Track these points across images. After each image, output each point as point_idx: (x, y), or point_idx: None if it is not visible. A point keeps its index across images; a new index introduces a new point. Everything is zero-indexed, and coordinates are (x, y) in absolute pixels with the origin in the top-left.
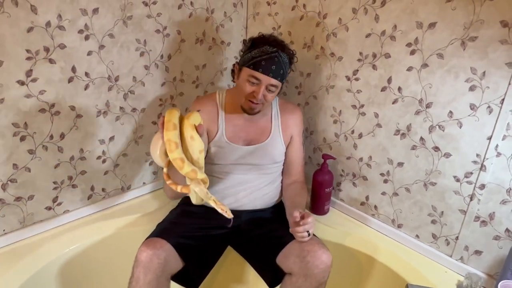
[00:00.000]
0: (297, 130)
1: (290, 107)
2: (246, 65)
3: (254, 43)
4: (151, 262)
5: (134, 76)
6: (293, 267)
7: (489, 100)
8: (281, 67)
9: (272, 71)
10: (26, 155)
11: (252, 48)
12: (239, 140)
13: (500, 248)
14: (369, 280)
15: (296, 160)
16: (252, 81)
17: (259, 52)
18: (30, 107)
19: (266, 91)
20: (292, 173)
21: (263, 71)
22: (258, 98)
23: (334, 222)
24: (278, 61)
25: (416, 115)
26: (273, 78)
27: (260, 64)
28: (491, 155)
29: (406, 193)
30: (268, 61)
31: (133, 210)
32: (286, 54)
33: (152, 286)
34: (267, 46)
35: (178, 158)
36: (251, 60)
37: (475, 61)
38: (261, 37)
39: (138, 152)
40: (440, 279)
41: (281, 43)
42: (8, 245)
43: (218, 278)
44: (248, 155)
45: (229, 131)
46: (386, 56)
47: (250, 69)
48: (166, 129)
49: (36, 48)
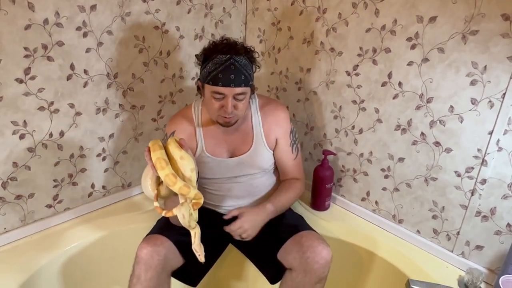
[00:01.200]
0: (282, 132)
1: (271, 108)
2: (206, 81)
3: (206, 56)
4: (151, 259)
5: (133, 73)
6: (293, 263)
7: (490, 95)
8: (241, 73)
9: (233, 80)
10: (25, 153)
11: (206, 62)
12: (222, 152)
13: (501, 243)
14: (370, 275)
15: (287, 162)
16: (217, 97)
17: (213, 64)
18: (29, 105)
19: (235, 101)
20: (285, 172)
21: (223, 84)
22: (228, 112)
23: (335, 218)
24: (235, 68)
25: (416, 110)
26: (237, 87)
27: (218, 78)
28: (492, 149)
29: (407, 189)
30: (224, 72)
31: (133, 207)
32: (242, 56)
33: (153, 282)
34: (220, 55)
35: (170, 174)
36: (208, 76)
37: (476, 55)
38: (211, 47)
39: (138, 149)
40: (441, 274)
41: (234, 46)
42: (9, 243)
43: (219, 275)
44: (234, 167)
45: (209, 145)
46: (387, 51)
47: (210, 85)
48: (153, 150)
49: (34, 45)
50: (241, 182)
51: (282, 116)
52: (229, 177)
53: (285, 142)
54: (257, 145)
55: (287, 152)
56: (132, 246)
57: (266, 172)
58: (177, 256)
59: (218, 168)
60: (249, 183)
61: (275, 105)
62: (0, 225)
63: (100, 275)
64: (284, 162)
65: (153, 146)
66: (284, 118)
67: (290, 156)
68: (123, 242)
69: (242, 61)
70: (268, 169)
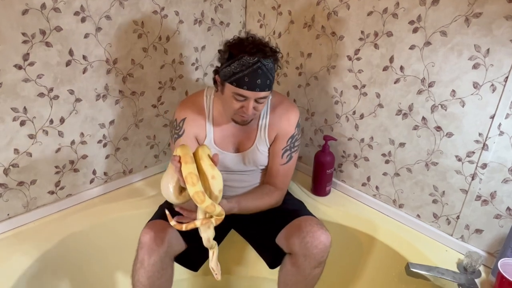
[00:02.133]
0: (282, 133)
1: (283, 108)
2: (228, 81)
3: (231, 54)
4: (154, 244)
5: (133, 59)
6: (293, 248)
7: (493, 78)
8: (267, 77)
9: (258, 85)
10: (26, 139)
11: (230, 60)
12: (229, 145)
13: (501, 226)
14: (370, 259)
15: (272, 164)
16: (238, 98)
17: (239, 65)
18: (29, 92)
19: (255, 103)
20: (268, 174)
21: (248, 88)
22: (249, 114)
23: (335, 203)
24: (262, 72)
25: (418, 95)
26: (261, 92)
27: (243, 81)
28: (493, 134)
29: (407, 173)
30: (251, 76)
31: (135, 193)
32: (269, 59)
33: (157, 267)
34: (247, 57)
35: (200, 192)
36: (233, 76)
37: (479, 38)
38: (237, 44)
39: (139, 135)
40: (440, 258)
41: (262, 48)
42: (13, 229)
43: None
44: (237, 163)
45: (218, 137)
46: (388, 35)
47: (234, 86)
48: (185, 162)
49: (32, 31)
50: (235, 175)
51: (290, 117)
52: (230, 170)
53: (280, 143)
54: (258, 142)
55: (277, 153)
56: (134, 231)
57: (261, 170)
58: (180, 241)
59: (222, 161)
60: (242, 179)
61: (287, 106)
62: (4, 211)
63: (103, 260)
64: (270, 163)
65: (185, 158)
66: (291, 120)
67: (278, 160)
68: (125, 227)
69: (268, 65)
70: (264, 166)
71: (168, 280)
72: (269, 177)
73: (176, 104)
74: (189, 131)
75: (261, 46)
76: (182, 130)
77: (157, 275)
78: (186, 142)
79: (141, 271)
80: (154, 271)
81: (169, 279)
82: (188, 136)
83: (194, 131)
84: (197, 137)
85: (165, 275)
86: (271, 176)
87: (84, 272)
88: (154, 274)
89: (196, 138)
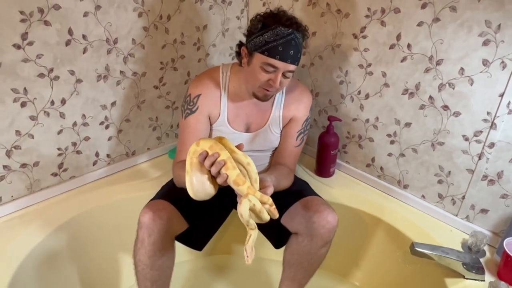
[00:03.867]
0: (298, 116)
1: (298, 92)
2: (259, 50)
3: (265, 24)
4: (153, 223)
5: (133, 39)
6: (299, 227)
7: (503, 55)
8: (299, 50)
9: (291, 56)
10: (28, 121)
11: (263, 30)
12: (241, 124)
13: (507, 206)
14: (375, 239)
15: (287, 146)
16: (267, 69)
17: (273, 35)
18: (28, 72)
19: (282, 77)
20: (280, 156)
21: (280, 58)
22: (276, 86)
23: (339, 184)
24: (295, 44)
25: (425, 73)
26: (291, 64)
27: (277, 50)
28: (502, 112)
29: (413, 154)
30: (285, 46)
31: (138, 175)
32: (301, 34)
33: (157, 246)
34: (281, 27)
35: (241, 174)
36: (265, 45)
37: (490, 13)
38: (272, 15)
39: (141, 117)
40: (445, 238)
41: (295, 21)
42: (17, 211)
43: (223, 240)
44: (248, 143)
45: (231, 115)
46: (396, 11)
47: (265, 56)
48: (220, 149)
49: (30, 9)
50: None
51: (305, 101)
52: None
53: (295, 126)
54: (272, 123)
55: (292, 136)
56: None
57: (271, 151)
58: (181, 221)
59: (232, 140)
60: (259, 160)
61: (302, 90)
62: (7, 193)
63: (107, 242)
64: (284, 145)
65: (217, 146)
66: (306, 104)
67: (293, 142)
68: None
69: (300, 39)
70: (274, 148)
71: (169, 259)
72: (282, 159)
73: (178, 85)
74: (203, 108)
75: (294, 20)
76: (196, 107)
77: (158, 254)
78: (199, 119)
79: (142, 251)
80: (155, 250)
81: (171, 258)
82: (202, 113)
83: (208, 108)
84: (210, 115)
85: (166, 253)
86: (284, 157)
87: (89, 254)
88: (155, 253)
89: (209, 116)
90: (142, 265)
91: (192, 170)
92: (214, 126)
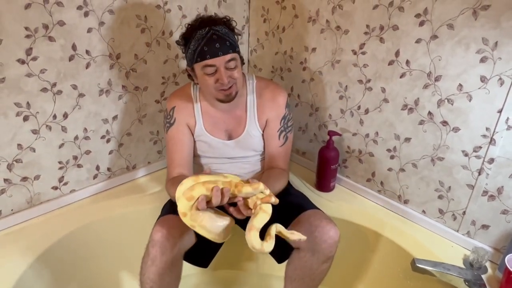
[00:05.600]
0: (273, 115)
1: (269, 91)
2: (194, 61)
3: (186, 38)
4: (167, 241)
5: (136, 54)
6: (301, 243)
7: (501, 72)
8: (225, 40)
9: (219, 48)
10: (30, 135)
11: (187, 43)
12: (220, 133)
13: (507, 222)
14: (376, 255)
15: (271, 147)
16: (209, 72)
17: (195, 41)
18: (32, 86)
19: (228, 72)
20: (269, 159)
21: (211, 56)
22: (225, 82)
23: (340, 199)
24: (217, 37)
25: (424, 89)
26: (225, 55)
27: (204, 51)
28: (501, 128)
29: (413, 169)
30: (208, 43)
31: (139, 189)
32: (221, 26)
33: (168, 265)
34: (199, 31)
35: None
36: (194, 54)
37: (487, 31)
38: (189, 28)
39: (142, 131)
40: (446, 254)
41: (210, 19)
42: (17, 225)
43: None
44: (233, 149)
45: (207, 123)
46: (394, 28)
47: (199, 62)
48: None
49: (35, 25)
50: (237, 163)
51: (278, 99)
52: (228, 157)
53: (274, 126)
54: (249, 127)
55: (273, 136)
56: (138, 227)
57: (260, 155)
58: (190, 236)
59: (217, 148)
60: (242, 166)
61: (273, 88)
62: (7, 207)
63: (107, 256)
64: (268, 146)
65: (200, 182)
66: (279, 102)
67: (276, 142)
68: (129, 223)
69: (222, 30)
70: (261, 151)
71: (177, 276)
72: (272, 161)
73: None
74: (179, 118)
75: (209, 19)
76: (173, 119)
77: (167, 272)
78: (179, 129)
79: (152, 269)
80: (165, 268)
81: (178, 276)
82: (180, 123)
83: (184, 118)
84: (188, 124)
85: (174, 271)
86: (273, 159)
87: (88, 268)
88: (165, 271)
89: (187, 126)
90: (150, 282)
91: (197, 221)
92: (195, 137)
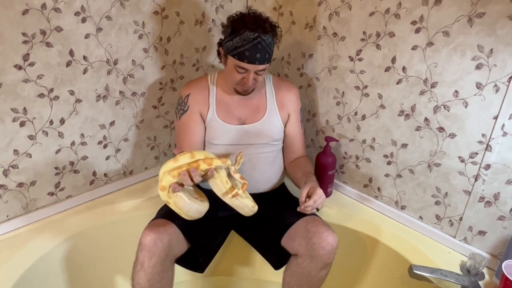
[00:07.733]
0: (294, 107)
1: (285, 85)
2: (231, 54)
3: (234, 29)
4: (155, 245)
5: (133, 60)
6: (299, 249)
7: (496, 79)
8: (266, 51)
9: (258, 59)
10: (26, 140)
11: (232, 35)
12: (233, 119)
13: (504, 228)
14: (373, 261)
15: (297, 137)
16: (240, 71)
17: (241, 40)
18: (29, 92)
19: (255, 75)
20: (294, 149)
21: (249, 61)
22: (249, 85)
23: (337, 205)
24: (261, 47)
25: (420, 95)
26: (260, 65)
27: (245, 55)
28: (497, 134)
29: (409, 175)
30: (252, 50)
31: (136, 194)
32: (269, 34)
33: (157, 269)
34: (248, 32)
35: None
36: (235, 50)
37: (482, 38)
38: (240, 19)
39: (139, 137)
40: (443, 260)
41: (262, 24)
42: (12, 231)
43: (223, 261)
44: (243, 135)
45: (220, 110)
46: (391, 35)
47: (236, 59)
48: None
49: (32, 31)
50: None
51: (294, 92)
52: (238, 144)
53: (296, 117)
54: (270, 114)
55: (297, 127)
56: (134, 233)
57: (274, 146)
58: (182, 242)
59: (227, 134)
60: (255, 155)
61: (288, 84)
62: (3, 213)
63: (104, 262)
64: (294, 137)
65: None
66: (295, 95)
67: (300, 132)
68: (125, 229)
69: (268, 40)
70: (277, 141)
71: (168, 282)
72: (294, 152)
73: None
74: (193, 106)
75: (261, 22)
76: (187, 106)
77: (157, 277)
78: (191, 117)
79: (141, 274)
80: (154, 273)
81: (170, 282)
82: (193, 111)
83: (198, 106)
84: (201, 112)
85: (165, 277)
86: (297, 150)
87: (84, 274)
88: (154, 276)
89: (200, 114)
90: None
91: (172, 198)
92: (206, 123)
